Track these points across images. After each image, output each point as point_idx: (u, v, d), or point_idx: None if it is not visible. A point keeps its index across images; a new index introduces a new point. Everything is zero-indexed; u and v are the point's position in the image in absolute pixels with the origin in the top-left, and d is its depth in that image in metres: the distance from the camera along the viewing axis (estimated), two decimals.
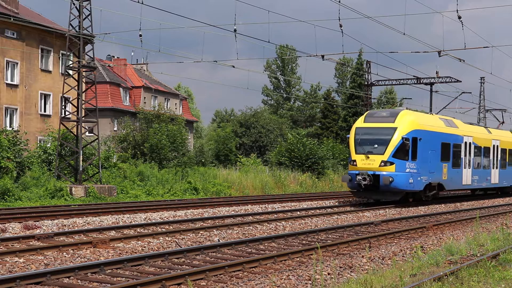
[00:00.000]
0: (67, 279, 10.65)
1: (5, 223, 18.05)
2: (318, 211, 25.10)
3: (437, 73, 48.33)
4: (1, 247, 13.77)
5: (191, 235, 16.54)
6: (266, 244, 15.21)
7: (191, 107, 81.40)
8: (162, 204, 25.94)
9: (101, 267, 11.27)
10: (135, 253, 13.48)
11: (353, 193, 29.43)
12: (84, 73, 32.36)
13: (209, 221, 20.17)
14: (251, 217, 21.87)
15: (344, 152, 54.18)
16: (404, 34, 27.17)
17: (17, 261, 12.10)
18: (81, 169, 30.68)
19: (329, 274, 11.61)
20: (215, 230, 17.55)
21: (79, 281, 10.60)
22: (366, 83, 61.47)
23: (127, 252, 13.57)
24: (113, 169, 34.62)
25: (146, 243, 14.91)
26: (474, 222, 20.57)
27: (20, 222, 18.39)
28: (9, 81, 39.78)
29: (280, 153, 49.68)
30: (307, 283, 10.84)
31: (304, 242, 15.88)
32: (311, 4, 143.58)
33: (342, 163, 53.33)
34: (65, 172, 31.85)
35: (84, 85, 32.70)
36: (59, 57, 43.01)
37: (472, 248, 14.62)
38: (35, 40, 41.48)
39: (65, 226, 18.15)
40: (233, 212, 23.32)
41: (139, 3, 22.59)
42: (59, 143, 31.45)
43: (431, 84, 51.80)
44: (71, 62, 35.56)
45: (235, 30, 25.86)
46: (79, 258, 12.70)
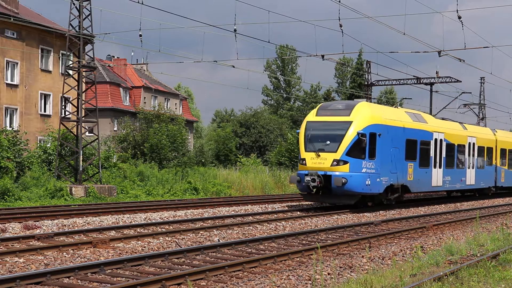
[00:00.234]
0: (67, 279, 10.65)
1: (5, 223, 18.05)
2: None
3: (437, 73, 48.24)
4: (1, 247, 13.77)
5: (191, 235, 16.54)
6: (266, 244, 15.21)
7: (191, 107, 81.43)
8: (162, 204, 25.95)
9: (101, 267, 11.28)
10: (135, 253, 13.48)
11: (303, 196, 26.39)
12: (84, 73, 32.37)
13: (209, 221, 20.18)
14: (251, 217, 21.88)
15: None
16: (404, 34, 27.14)
17: (17, 261, 12.10)
18: (81, 169, 30.69)
19: (329, 274, 11.61)
20: (215, 230, 17.55)
21: (79, 281, 10.60)
22: (366, 83, 61.44)
23: (127, 252, 13.57)
24: (113, 169, 34.64)
25: (146, 243, 14.91)
26: (474, 222, 20.58)
27: (20, 222, 18.39)
28: (9, 81, 39.79)
29: (280, 153, 49.69)
30: (307, 283, 10.85)
31: (304, 242, 15.89)
32: (311, 4, 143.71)
33: None
34: (65, 172, 31.86)
35: (84, 85, 32.71)
36: (59, 57, 43.02)
37: (472, 248, 14.63)
38: (35, 40, 41.49)
39: (65, 226, 18.16)
40: (233, 212, 23.32)
41: (139, 3, 22.61)
42: (59, 143, 31.46)
43: (431, 84, 51.82)
44: (71, 62, 35.56)
45: (235, 30, 25.87)
46: (79, 258, 12.70)
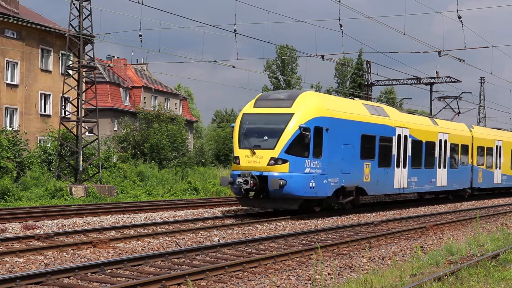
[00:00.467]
0: (67, 279, 10.65)
1: (5, 223, 18.05)
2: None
3: (437, 73, 48.32)
4: (1, 247, 13.77)
5: (191, 235, 16.53)
6: (266, 244, 15.21)
7: (191, 107, 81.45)
8: (162, 204, 25.95)
9: (101, 267, 11.27)
10: (135, 253, 13.48)
11: (238, 200, 22.87)
12: (84, 73, 32.37)
13: (209, 221, 20.18)
14: (251, 217, 21.87)
15: None
16: (404, 34, 27.14)
17: (17, 261, 12.10)
18: (81, 169, 30.68)
19: (329, 274, 11.61)
20: (215, 230, 17.55)
21: (79, 281, 10.60)
22: (366, 83, 61.48)
23: (127, 252, 13.57)
24: (113, 169, 34.65)
25: (146, 243, 14.91)
26: (474, 222, 20.58)
27: (20, 222, 18.38)
28: (9, 81, 39.79)
29: None
30: (307, 283, 10.85)
31: (304, 242, 15.89)
32: (311, 4, 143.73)
33: None
34: (65, 172, 31.86)
35: (84, 85, 32.71)
36: (59, 57, 43.02)
37: (472, 248, 14.63)
38: (35, 40, 41.49)
39: (65, 226, 18.15)
40: (233, 212, 23.32)
41: (139, 3, 22.61)
42: (59, 143, 31.46)
43: (431, 84, 51.87)
44: (71, 62, 35.56)
45: (235, 30, 25.89)
46: (79, 258, 12.70)
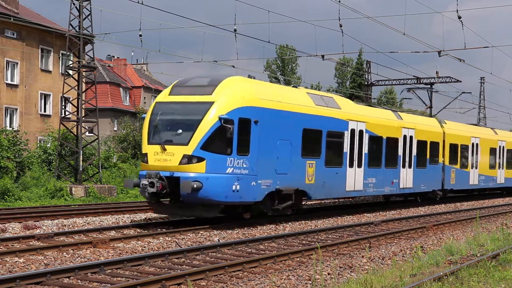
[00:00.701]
0: (67, 279, 10.65)
1: (5, 223, 18.05)
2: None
3: (437, 73, 48.29)
4: (1, 247, 13.77)
5: (191, 235, 16.53)
6: (266, 244, 15.22)
7: None
8: None
9: (101, 267, 11.27)
10: (135, 253, 13.48)
11: (150, 205, 19.54)
12: (84, 73, 32.36)
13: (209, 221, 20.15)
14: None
15: None
16: (404, 34, 27.14)
17: (17, 261, 12.10)
18: (81, 169, 30.67)
19: (329, 274, 11.61)
20: (215, 230, 17.54)
21: (79, 281, 10.60)
22: (366, 83, 61.49)
23: (127, 252, 13.57)
24: (113, 169, 34.63)
25: (146, 243, 14.91)
26: (474, 222, 20.58)
27: (20, 222, 18.38)
28: (9, 81, 39.80)
29: None
30: (307, 283, 10.85)
31: (304, 242, 15.89)
32: (311, 4, 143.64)
33: None
34: (65, 172, 31.85)
35: (84, 85, 32.70)
36: (59, 57, 43.03)
37: (472, 248, 14.64)
38: (35, 40, 41.49)
39: (65, 226, 18.15)
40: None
41: (139, 3, 22.61)
42: (59, 143, 31.46)
43: (431, 84, 51.83)
44: (71, 62, 35.55)
45: (235, 30, 25.90)
46: (79, 258, 12.70)
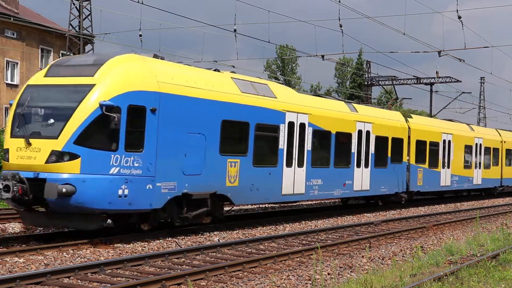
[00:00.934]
0: (67, 279, 10.65)
1: (5, 223, 18.04)
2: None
3: (437, 73, 48.31)
4: (1, 247, 13.76)
5: (191, 235, 16.53)
6: (266, 244, 15.21)
7: None
8: None
9: (101, 267, 11.27)
10: (135, 253, 13.48)
11: (19, 214, 15.60)
12: None
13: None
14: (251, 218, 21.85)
15: None
16: (404, 34, 27.18)
17: (17, 261, 12.09)
18: None
19: (329, 274, 11.62)
20: (215, 230, 17.54)
21: (79, 281, 10.60)
22: (366, 83, 61.50)
23: (127, 252, 13.57)
24: None
25: (146, 243, 14.91)
26: (474, 222, 20.59)
27: (20, 222, 18.36)
28: (9, 81, 39.82)
29: None
30: (307, 283, 10.85)
31: (304, 242, 15.88)
32: (311, 4, 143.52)
33: None
34: None
35: None
36: (59, 57, 43.04)
37: (472, 248, 14.65)
38: (35, 40, 41.51)
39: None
40: (233, 212, 23.30)
41: (139, 3, 22.62)
42: None
43: (431, 84, 51.87)
44: None
45: (235, 30, 25.95)
46: (79, 258, 12.69)
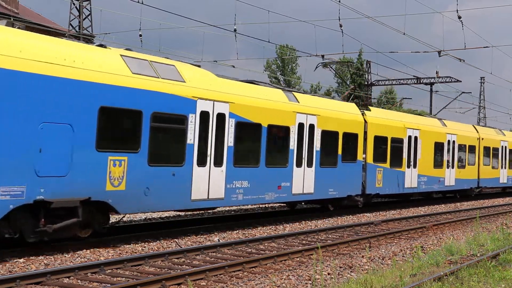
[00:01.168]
0: (67, 279, 10.65)
1: None
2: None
3: (437, 73, 48.29)
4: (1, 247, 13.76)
5: (191, 235, 16.53)
6: (266, 244, 15.21)
7: None
8: None
9: (101, 267, 11.28)
10: (135, 253, 13.48)
11: None
12: None
13: (209, 221, 20.16)
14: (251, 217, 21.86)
15: None
16: (404, 34, 27.17)
17: (17, 261, 12.10)
18: None
19: (329, 274, 11.62)
20: (215, 230, 17.55)
21: (79, 281, 10.60)
22: (366, 83, 61.50)
23: (127, 252, 13.57)
24: None
25: (146, 243, 14.91)
26: (474, 222, 20.59)
27: None
28: None
29: None
30: (307, 283, 10.85)
31: (304, 242, 15.88)
32: (311, 4, 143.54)
33: None
34: None
35: None
36: None
37: (472, 248, 14.65)
38: None
39: None
40: (233, 212, 23.31)
41: (139, 3, 22.60)
42: None
43: (431, 84, 51.87)
44: None
45: (235, 30, 25.92)
46: (79, 258, 12.70)
